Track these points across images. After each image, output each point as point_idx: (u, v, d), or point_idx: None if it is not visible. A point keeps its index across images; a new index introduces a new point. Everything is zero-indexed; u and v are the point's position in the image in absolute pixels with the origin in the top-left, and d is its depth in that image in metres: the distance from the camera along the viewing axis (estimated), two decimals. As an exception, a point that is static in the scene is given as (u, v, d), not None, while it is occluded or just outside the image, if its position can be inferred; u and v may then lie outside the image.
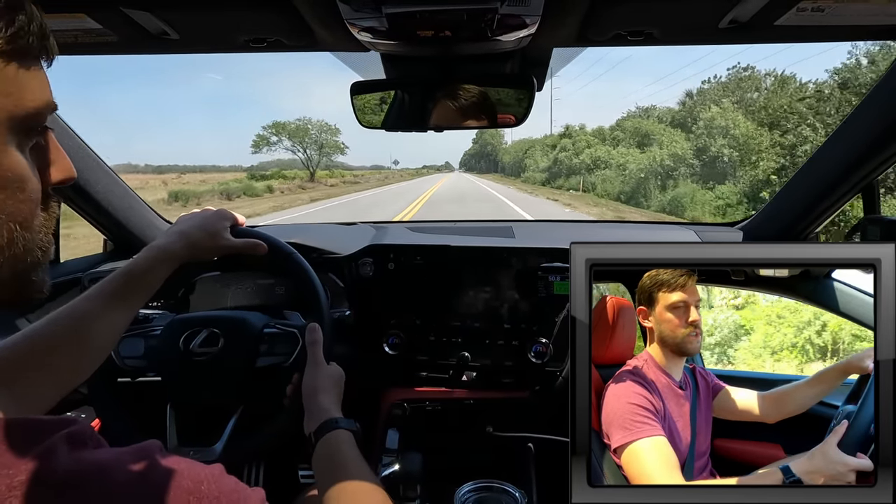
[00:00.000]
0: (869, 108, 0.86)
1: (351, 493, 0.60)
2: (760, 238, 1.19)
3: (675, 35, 0.74)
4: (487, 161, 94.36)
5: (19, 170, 0.36)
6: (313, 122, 48.67)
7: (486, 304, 1.13)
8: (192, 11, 0.66)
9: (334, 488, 0.60)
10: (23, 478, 0.32)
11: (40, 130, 0.39)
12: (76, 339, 0.63)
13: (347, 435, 0.68)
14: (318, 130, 48.48)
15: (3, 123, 0.34)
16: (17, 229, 0.36)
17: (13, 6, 0.34)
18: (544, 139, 48.17)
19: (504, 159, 68.94)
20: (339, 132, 50.30)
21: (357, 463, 0.64)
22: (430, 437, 1.22)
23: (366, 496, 0.60)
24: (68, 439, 0.35)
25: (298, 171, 48.15)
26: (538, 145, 46.01)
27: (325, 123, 49.16)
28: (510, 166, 59.46)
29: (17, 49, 0.34)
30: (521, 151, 52.85)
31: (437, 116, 0.88)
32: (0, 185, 0.35)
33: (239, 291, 1.20)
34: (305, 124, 47.68)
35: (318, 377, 0.77)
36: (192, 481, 0.38)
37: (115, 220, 1.19)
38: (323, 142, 48.57)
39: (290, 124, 47.36)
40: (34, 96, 0.36)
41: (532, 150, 46.21)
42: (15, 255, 0.36)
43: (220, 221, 0.83)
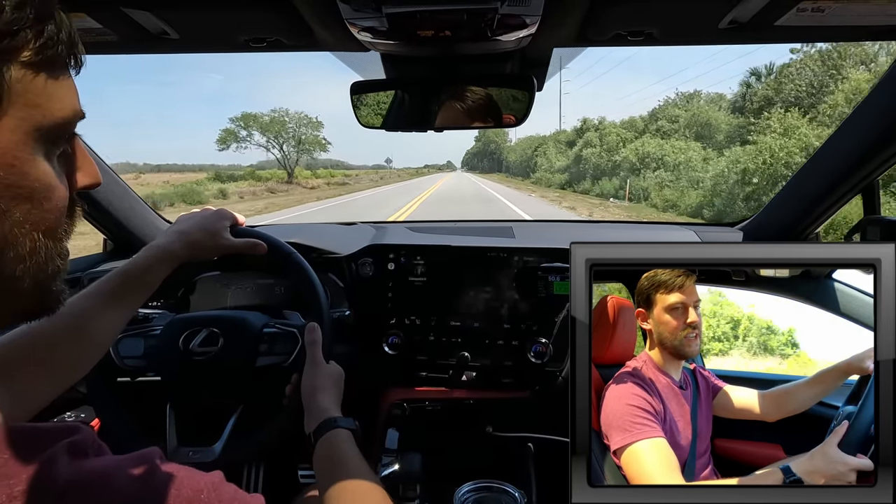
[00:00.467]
0: (870, 109, 0.86)
1: (350, 492, 0.60)
2: (760, 238, 1.19)
3: (675, 35, 0.74)
4: (491, 160, 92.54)
5: (46, 179, 0.36)
6: (291, 113, 40.38)
7: (485, 303, 1.13)
8: (192, 11, 0.66)
9: (334, 487, 0.60)
10: (22, 487, 0.32)
11: (68, 138, 0.39)
12: (75, 335, 0.64)
13: (346, 434, 0.68)
14: (296, 123, 40.16)
15: (31, 135, 0.34)
16: (40, 238, 0.36)
17: (42, 16, 0.33)
18: (556, 135, 44.24)
19: (509, 158, 65.00)
20: (320, 126, 41.46)
21: (356, 462, 0.64)
22: (430, 437, 1.22)
23: (365, 495, 0.60)
24: (69, 448, 0.36)
25: (279, 171, 40.95)
26: (550, 142, 41.52)
27: (304, 116, 40.81)
28: (516, 165, 55.80)
29: (45, 59, 0.34)
30: (528, 149, 48.41)
31: (436, 116, 0.88)
32: (26, 196, 0.34)
33: (238, 291, 1.20)
34: (282, 116, 39.50)
35: (317, 376, 0.77)
36: (192, 490, 0.38)
37: (115, 220, 1.19)
38: (301, 136, 40.07)
39: (263, 116, 39.00)
40: (62, 105, 0.36)
41: (543, 147, 41.30)
42: (37, 263, 0.36)
43: (220, 221, 0.83)
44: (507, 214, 14.62)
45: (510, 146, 74.56)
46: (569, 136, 37.43)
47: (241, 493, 0.43)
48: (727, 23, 0.67)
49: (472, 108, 0.87)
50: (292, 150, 40.09)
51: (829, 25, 0.67)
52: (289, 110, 45.85)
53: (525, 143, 54.96)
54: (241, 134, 38.47)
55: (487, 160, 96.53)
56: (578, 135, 32.42)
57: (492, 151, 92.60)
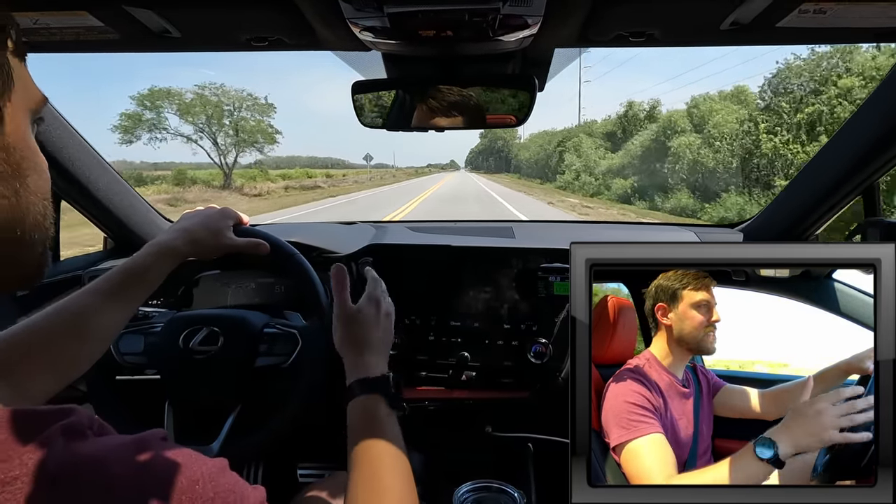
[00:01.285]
0: (871, 110, 0.87)
1: (377, 457, 0.59)
2: (761, 239, 1.19)
3: (677, 36, 0.74)
4: (498, 159, 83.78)
5: (40, 152, 0.42)
6: (229, 92, 27.28)
7: (485, 304, 1.13)
8: (194, 9, 0.66)
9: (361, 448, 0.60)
10: (16, 472, 0.32)
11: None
12: (75, 332, 0.63)
13: (376, 400, 0.65)
14: (235, 105, 27.42)
15: (28, 116, 0.40)
16: (47, 206, 0.41)
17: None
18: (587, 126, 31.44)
19: (520, 156, 52.70)
20: (271, 110, 28.67)
21: (388, 428, 0.63)
22: (430, 437, 1.22)
23: (392, 463, 0.59)
24: (65, 430, 0.35)
25: (216, 172, 28.91)
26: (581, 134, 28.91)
27: (248, 95, 27.94)
28: (530, 165, 44.15)
29: (20, 49, 0.39)
30: (547, 145, 36.93)
31: (438, 116, 0.88)
32: (32, 168, 0.40)
33: (239, 290, 1.20)
34: (213, 95, 26.67)
35: (351, 326, 0.71)
36: (188, 479, 0.37)
37: (116, 218, 1.19)
38: (240, 124, 27.47)
39: (184, 93, 26.38)
40: (36, 88, 0.42)
41: (573, 141, 28.29)
42: (46, 228, 0.42)
43: (223, 220, 0.83)
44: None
45: (520, 143, 63.67)
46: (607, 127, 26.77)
47: (242, 483, 0.42)
48: (729, 24, 0.67)
49: (473, 109, 0.87)
50: (229, 141, 27.86)
51: (830, 27, 0.67)
52: (225, 86, 29.94)
53: (540, 139, 43.44)
54: (144, 117, 25.17)
55: (494, 159, 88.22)
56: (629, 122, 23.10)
57: (499, 149, 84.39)
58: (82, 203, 1.13)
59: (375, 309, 0.74)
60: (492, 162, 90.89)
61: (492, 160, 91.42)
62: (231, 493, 0.40)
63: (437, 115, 0.88)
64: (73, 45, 0.76)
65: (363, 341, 0.71)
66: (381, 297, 0.76)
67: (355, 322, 0.72)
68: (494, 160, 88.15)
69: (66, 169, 1.03)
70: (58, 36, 0.73)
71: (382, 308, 0.75)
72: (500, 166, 79.92)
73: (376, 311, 0.74)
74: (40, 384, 0.58)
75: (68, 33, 0.71)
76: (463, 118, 0.87)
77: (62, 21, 0.67)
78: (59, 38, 0.73)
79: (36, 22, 0.68)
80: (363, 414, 0.64)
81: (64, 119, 1.01)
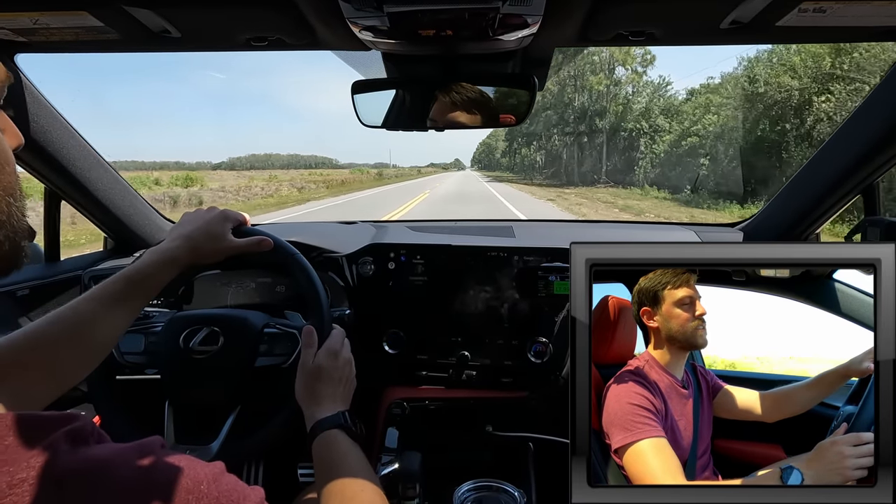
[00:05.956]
0: (871, 110, 0.87)
1: (339, 495, 0.61)
2: (761, 239, 1.19)
3: (677, 35, 0.74)
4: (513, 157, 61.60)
5: (2, 145, 0.40)
6: None
7: (486, 303, 1.13)
8: (194, 9, 0.66)
9: (323, 491, 0.62)
10: (23, 475, 0.32)
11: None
12: (77, 338, 0.64)
13: (334, 434, 0.69)
14: None
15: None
16: (12, 201, 0.39)
17: None
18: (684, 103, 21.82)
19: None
20: None
21: (346, 462, 0.65)
22: (430, 436, 1.22)
23: (352, 497, 0.61)
24: (69, 436, 0.36)
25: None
26: (656, 110, 21.10)
27: None
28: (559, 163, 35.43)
29: None
30: None
31: (437, 116, 0.88)
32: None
33: (239, 290, 1.20)
34: None
35: (307, 378, 0.77)
36: (192, 480, 0.38)
37: (116, 218, 1.19)
38: None
39: None
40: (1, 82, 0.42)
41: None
42: (12, 224, 0.40)
43: (224, 224, 0.82)
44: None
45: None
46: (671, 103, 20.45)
47: (241, 484, 0.43)
48: (729, 23, 0.67)
49: (473, 108, 0.87)
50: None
51: (830, 26, 0.67)
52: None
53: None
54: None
55: (509, 157, 67.04)
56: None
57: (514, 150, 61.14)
58: (82, 203, 1.13)
59: (334, 360, 0.79)
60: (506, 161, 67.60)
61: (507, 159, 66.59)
62: (234, 492, 0.41)
63: (437, 115, 0.88)
64: (73, 45, 0.76)
65: (320, 394, 0.75)
66: (340, 349, 0.81)
67: (312, 376, 0.76)
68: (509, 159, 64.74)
69: (66, 169, 1.03)
70: (58, 36, 0.73)
71: (340, 358, 0.80)
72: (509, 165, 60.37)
73: (334, 362, 0.79)
74: (42, 390, 0.58)
75: (68, 33, 0.71)
76: (463, 118, 0.87)
77: (62, 21, 0.67)
78: (58, 38, 0.73)
79: (36, 22, 0.68)
80: (325, 450, 0.67)
81: (64, 119, 1.01)
